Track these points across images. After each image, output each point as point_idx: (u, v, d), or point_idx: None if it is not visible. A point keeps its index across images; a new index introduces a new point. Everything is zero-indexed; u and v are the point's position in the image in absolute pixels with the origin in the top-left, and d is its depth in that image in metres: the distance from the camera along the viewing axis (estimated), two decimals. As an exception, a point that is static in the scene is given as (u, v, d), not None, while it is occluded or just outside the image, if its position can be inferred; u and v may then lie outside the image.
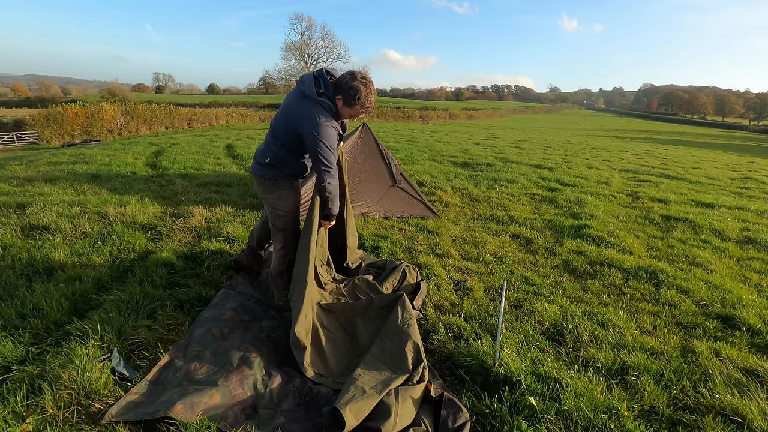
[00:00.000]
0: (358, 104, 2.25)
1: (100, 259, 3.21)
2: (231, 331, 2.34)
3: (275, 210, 2.55)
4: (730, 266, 3.95)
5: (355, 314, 2.54)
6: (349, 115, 2.35)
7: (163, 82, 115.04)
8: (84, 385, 1.83)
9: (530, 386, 1.98)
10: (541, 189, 7.19)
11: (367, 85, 2.25)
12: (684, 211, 5.92)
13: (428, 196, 5.96)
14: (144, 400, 1.83)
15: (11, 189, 5.43)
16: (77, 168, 7.13)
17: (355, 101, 2.24)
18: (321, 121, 2.20)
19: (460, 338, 2.41)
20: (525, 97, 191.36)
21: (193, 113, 28.50)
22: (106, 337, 2.18)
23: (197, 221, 4.27)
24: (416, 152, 11.35)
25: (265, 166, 2.47)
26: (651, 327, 2.74)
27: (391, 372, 1.96)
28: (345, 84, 2.22)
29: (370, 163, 4.96)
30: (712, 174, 10.61)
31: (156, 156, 9.24)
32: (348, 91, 2.22)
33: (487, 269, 3.54)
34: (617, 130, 42.07)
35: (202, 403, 1.79)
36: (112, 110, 21.84)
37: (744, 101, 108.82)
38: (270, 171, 2.47)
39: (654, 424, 1.88)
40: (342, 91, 2.24)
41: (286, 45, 55.01)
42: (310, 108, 2.23)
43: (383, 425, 1.66)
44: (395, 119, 42.51)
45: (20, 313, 2.40)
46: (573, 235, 4.59)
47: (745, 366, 2.31)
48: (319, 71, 2.30)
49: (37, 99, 56.42)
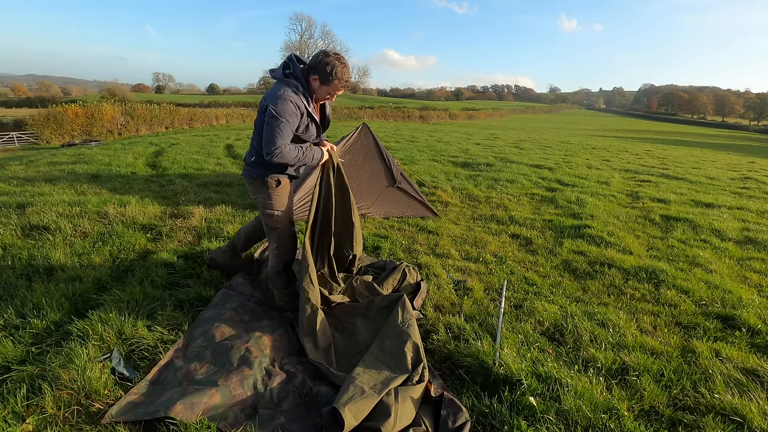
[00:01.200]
0: (335, 79, 2.27)
1: (100, 259, 3.21)
2: (231, 331, 2.34)
3: (266, 210, 2.54)
4: (730, 266, 3.95)
5: (356, 314, 2.54)
6: (327, 93, 2.34)
7: (163, 82, 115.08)
8: (84, 385, 1.83)
9: (530, 386, 1.98)
10: (541, 189, 7.19)
11: (341, 60, 2.29)
12: (684, 211, 5.92)
13: (428, 196, 5.96)
14: (144, 400, 1.83)
15: (11, 189, 5.43)
16: (77, 168, 7.13)
17: (332, 76, 2.26)
18: (280, 94, 2.21)
19: (460, 338, 2.41)
20: (525, 97, 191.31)
21: (193, 113, 28.52)
22: (106, 337, 2.18)
23: (197, 221, 4.27)
24: (416, 152, 11.35)
25: (252, 165, 2.48)
26: (651, 327, 2.74)
27: (391, 372, 1.96)
28: (319, 62, 2.26)
29: (369, 163, 4.96)
30: (712, 174, 10.61)
31: (156, 156, 9.25)
32: (324, 68, 2.25)
33: (487, 269, 3.54)
34: (617, 130, 42.08)
35: (202, 403, 1.79)
36: (112, 110, 21.86)
37: (744, 101, 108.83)
38: (256, 169, 2.47)
39: (654, 424, 1.88)
40: (318, 70, 2.27)
41: (286, 45, 55.20)
42: (276, 86, 2.29)
43: (383, 425, 1.66)
44: (395, 119, 42.52)
45: (20, 313, 2.39)
46: (573, 235, 4.59)
47: (745, 366, 2.31)
48: (289, 56, 2.36)
49: (37, 99, 56.44)
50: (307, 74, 2.31)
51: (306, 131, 2.40)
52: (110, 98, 30.64)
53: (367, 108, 49.42)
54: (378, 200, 4.90)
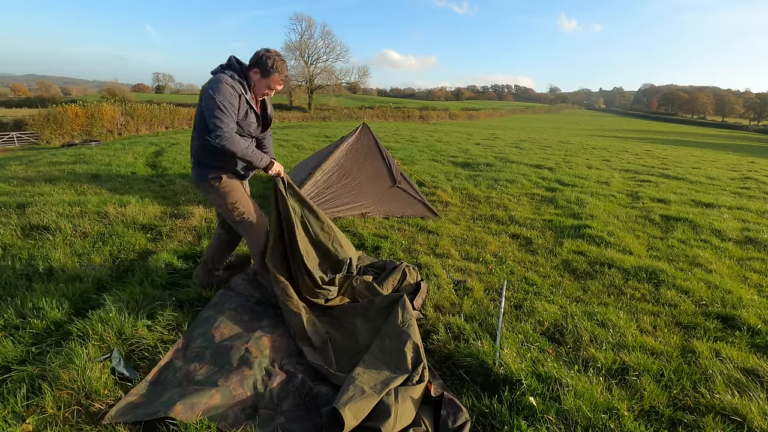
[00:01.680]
0: (274, 72, 2.40)
1: (100, 259, 3.21)
2: (231, 331, 2.34)
3: (224, 207, 2.54)
4: (730, 266, 3.95)
5: (356, 314, 2.54)
6: (266, 86, 2.45)
7: (163, 82, 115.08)
8: (84, 385, 1.83)
9: (530, 386, 1.98)
10: (541, 189, 7.19)
11: (281, 56, 2.45)
12: (684, 211, 5.92)
13: (428, 196, 5.96)
14: (144, 400, 1.83)
15: (11, 189, 5.43)
16: (77, 168, 7.13)
17: (271, 68, 2.39)
18: (217, 79, 2.28)
19: (460, 338, 2.41)
20: (525, 97, 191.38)
21: (193, 113, 28.50)
22: (106, 337, 2.18)
23: (197, 221, 4.27)
24: (416, 152, 11.35)
25: (195, 167, 2.49)
26: (651, 327, 2.74)
27: (391, 372, 1.96)
28: (259, 57, 2.39)
29: (369, 163, 4.97)
30: (712, 174, 10.61)
31: (156, 156, 9.25)
32: (265, 62, 2.38)
33: (487, 269, 3.54)
34: (617, 130, 42.07)
35: (202, 404, 1.79)
36: (112, 110, 21.87)
37: (744, 101, 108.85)
38: (200, 171, 2.47)
39: (654, 424, 1.88)
40: (259, 65, 2.39)
41: (286, 45, 54.93)
42: (212, 78, 2.35)
43: (383, 425, 1.66)
44: (395, 119, 42.53)
45: (20, 313, 2.39)
46: (573, 235, 4.59)
47: (745, 366, 2.31)
48: (228, 57, 2.46)
49: (37, 99, 56.48)
50: (248, 71, 2.42)
51: (245, 118, 2.42)
52: (110, 98, 30.65)
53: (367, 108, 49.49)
54: (378, 200, 4.90)
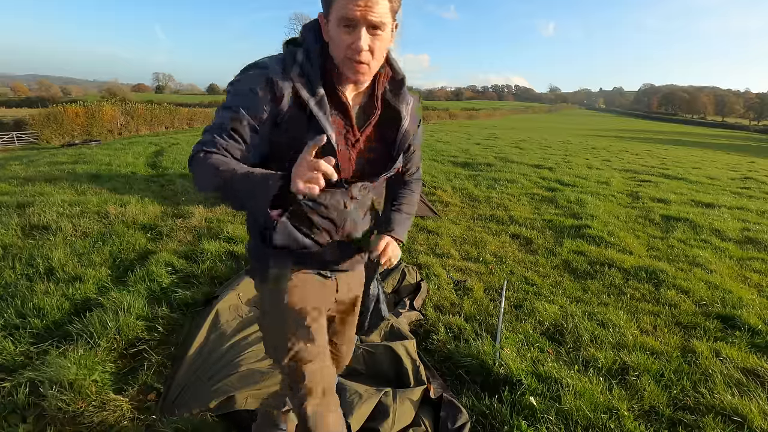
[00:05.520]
0: None
1: (100, 259, 3.21)
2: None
3: None
4: (730, 266, 3.95)
5: None
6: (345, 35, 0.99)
7: (163, 82, 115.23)
8: (84, 385, 1.82)
9: (530, 386, 1.97)
10: (541, 189, 7.18)
11: None
12: (684, 211, 5.92)
13: (428, 196, 5.95)
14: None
15: (11, 189, 5.43)
16: (77, 168, 7.13)
17: None
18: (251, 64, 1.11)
19: (460, 338, 2.41)
20: (525, 97, 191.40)
21: (193, 113, 28.53)
22: (106, 336, 2.18)
23: (197, 221, 4.27)
24: (416, 152, 11.34)
25: None
26: (651, 327, 2.74)
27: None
28: None
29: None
30: (712, 174, 10.61)
31: (156, 156, 9.25)
32: None
33: (487, 269, 3.54)
34: (617, 130, 42.08)
35: None
36: (113, 110, 21.87)
37: (744, 101, 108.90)
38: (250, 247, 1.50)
39: (654, 424, 1.88)
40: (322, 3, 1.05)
41: (286, 45, 54.94)
42: None
43: (381, 426, 1.66)
44: (395, 119, 42.41)
45: (20, 313, 2.39)
46: (573, 235, 4.59)
47: (745, 366, 2.31)
48: None
49: (37, 99, 56.50)
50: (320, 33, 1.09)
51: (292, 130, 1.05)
52: (110, 98, 30.65)
53: (367, 108, 49.33)
54: (378, 200, 4.90)
